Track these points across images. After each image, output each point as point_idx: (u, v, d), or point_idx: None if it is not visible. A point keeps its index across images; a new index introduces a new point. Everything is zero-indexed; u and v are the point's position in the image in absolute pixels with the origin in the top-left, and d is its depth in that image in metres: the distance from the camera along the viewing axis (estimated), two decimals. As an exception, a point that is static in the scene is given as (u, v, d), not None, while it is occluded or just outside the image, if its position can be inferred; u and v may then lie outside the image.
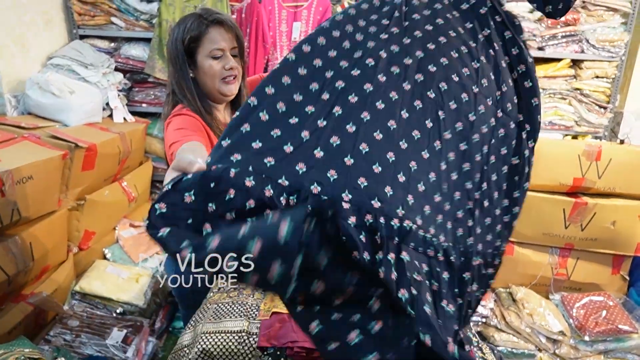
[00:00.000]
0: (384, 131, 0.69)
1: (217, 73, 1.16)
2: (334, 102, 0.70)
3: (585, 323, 2.08)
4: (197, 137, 1.04)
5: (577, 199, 2.19)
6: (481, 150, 0.77)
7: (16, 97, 2.27)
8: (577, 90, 2.63)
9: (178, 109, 1.17)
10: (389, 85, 0.73)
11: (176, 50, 1.15)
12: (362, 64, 0.73)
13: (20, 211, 1.60)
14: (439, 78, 0.76)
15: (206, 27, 1.14)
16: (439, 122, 0.74)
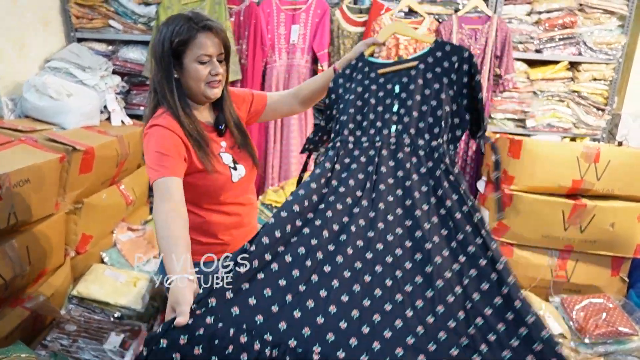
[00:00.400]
0: (349, 294, 0.90)
1: (203, 77, 1.19)
2: (313, 270, 0.93)
3: (586, 325, 2.07)
4: (173, 162, 1.12)
5: (576, 201, 2.19)
6: (453, 292, 0.90)
7: (13, 100, 2.26)
8: (575, 93, 2.64)
9: (158, 115, 1.19)
10: (355, 256, 0.96)
11: (163, 51, 1.16)
12: (337, 239, 0.98)
13: (17, 215, 1.59)
14: (395, 245, 0.97)
15: (196, 32, 1.16)
16: (397, 280, 0.92)
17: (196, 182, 1.21)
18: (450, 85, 1.17)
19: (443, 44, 1.22)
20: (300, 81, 2.58)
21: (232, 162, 1.28)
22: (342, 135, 1.18)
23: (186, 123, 1.18)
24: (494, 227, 2.34)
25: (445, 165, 1.08)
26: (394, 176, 1.09)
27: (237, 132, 1.32)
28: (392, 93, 1.20)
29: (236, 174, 1.28)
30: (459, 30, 2.51)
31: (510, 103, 2.65)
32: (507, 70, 2.53)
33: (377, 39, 1.33)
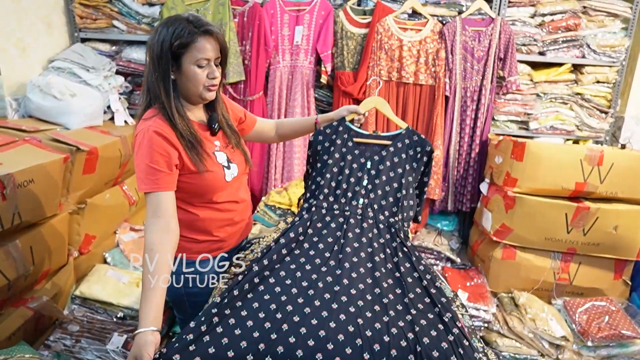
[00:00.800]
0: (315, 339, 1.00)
1: (201, 80, 1.21)
2: (284, 320, 1.03)
3: (588, 328, 2.07)
4: (165, 176, 1.16)
5: (579, 203, 2.19)
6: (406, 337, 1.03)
7: (17, 100, 2.26)
8: (578, 95, 2.64)
9: (149, 117, 1.21)
10: (322, 307, 1.07)
11: (161, 51, 1.16)
12: (305, 293, 1.11)
13: (21, 215, 1.59)
14: (357, 297, 1.11)
15: (197, 36, 1.17)
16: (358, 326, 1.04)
17: (190, 181, 1.23)
18: (410, 172, 1.42)
19: (413, 132, 1.47)
20: (303, 82, 2.58)
21: (226, 161, 1.30)
22: (317, 199, 1.39)
23: (179, 124, 1.19)
24: (497, 229, 2.34)
25: (400, 239, 1.32)
26: (359, 241, 1.29)
27: (229, 131, 1.35)
28: (364, 167, 1.42)
29: (229, 173, 1.30)
30: (462, 32, 2.51)
31: (514, 105, 2.65)
32: (510, 72, 2.53)
33: (359, 109, 1.51)
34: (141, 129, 1.18)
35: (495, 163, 2.43)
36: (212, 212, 1.31)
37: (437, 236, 2.69)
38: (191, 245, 1.32)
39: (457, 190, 2.71)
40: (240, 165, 1.35)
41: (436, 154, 2.56)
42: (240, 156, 1.36)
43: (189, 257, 1.31)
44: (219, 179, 1.27)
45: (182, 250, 1.28)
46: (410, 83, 2.56)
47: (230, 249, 1.41)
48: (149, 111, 1.22)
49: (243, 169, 1.37)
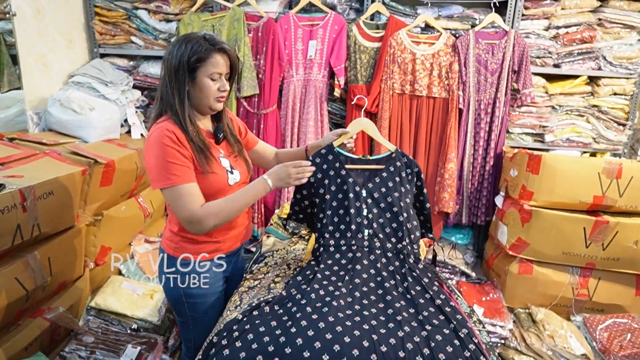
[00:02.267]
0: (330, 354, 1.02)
1: (213, 92, 1.32)
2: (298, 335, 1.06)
3: (610, 346, 2.01)
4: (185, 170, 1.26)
5: (598, 217, 2.15)
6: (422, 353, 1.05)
7: (38, 114, 2.32)
8: (595, 107, 2.60)
9: (161, 121, 1.30)
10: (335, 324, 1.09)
11: (179, 64, 1.27)
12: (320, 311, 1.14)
13: (40, 226, 1.62)
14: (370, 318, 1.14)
15: (212, 52, 1.29)
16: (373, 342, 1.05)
17: (197, 182, 1.31)
18: (406, 194, 1.45)
19: (402, 154, 1.50)
20: (317, 96, 2.60)
21: (229, 166, 1.40)
22: (324, 239, 1.42)
23: (190, 130, 1.30)
24: (513, 243, 2.30)
25: (408, 264, 1.36)
26: (368, 272, 1.33)
27: (233, 140, 1.46)
28: (360, 197, 1.44)
29: (232, 178, 1.39)
30: (475, 45, 2.51)
31: (529, 117, 2.62)
32: (524, 84, 2.52)
33: (346, 130, 1.55)
34: (153, 130, 1.28)
35: (511, 176, 2.40)
36: None
37: (452, 250, 2.66)
38: (190, 246, 1.38)
39: (471, 203, 2.68)
40: (243, 173, 1.45)
41: (450, 167, 2.55)
42: (242, 164, 1.46)
43: (188, 258, 1.38)
44: (223, 182, 1.36)
45: (180, 248, 1.37)
46: (423, 96, 2.56)
47: (228, 252, 1.46)
48: (161, 118, 1.32)
49: (245, 176, 1.47)
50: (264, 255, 1.58)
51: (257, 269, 1.48)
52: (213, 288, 1.42)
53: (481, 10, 2.60)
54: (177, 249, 1.37)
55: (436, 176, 2.61)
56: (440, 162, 2.60)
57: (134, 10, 2.67)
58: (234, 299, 1.32)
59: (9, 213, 1.46)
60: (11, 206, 1.46)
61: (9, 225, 1.48)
